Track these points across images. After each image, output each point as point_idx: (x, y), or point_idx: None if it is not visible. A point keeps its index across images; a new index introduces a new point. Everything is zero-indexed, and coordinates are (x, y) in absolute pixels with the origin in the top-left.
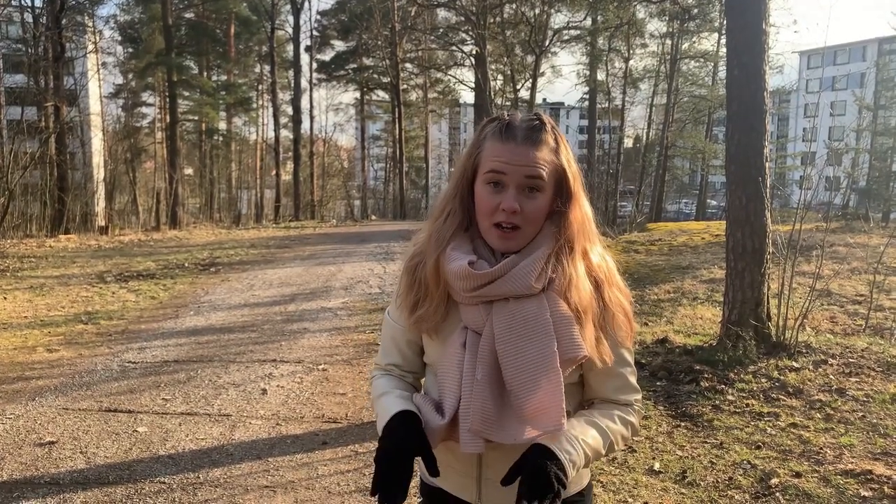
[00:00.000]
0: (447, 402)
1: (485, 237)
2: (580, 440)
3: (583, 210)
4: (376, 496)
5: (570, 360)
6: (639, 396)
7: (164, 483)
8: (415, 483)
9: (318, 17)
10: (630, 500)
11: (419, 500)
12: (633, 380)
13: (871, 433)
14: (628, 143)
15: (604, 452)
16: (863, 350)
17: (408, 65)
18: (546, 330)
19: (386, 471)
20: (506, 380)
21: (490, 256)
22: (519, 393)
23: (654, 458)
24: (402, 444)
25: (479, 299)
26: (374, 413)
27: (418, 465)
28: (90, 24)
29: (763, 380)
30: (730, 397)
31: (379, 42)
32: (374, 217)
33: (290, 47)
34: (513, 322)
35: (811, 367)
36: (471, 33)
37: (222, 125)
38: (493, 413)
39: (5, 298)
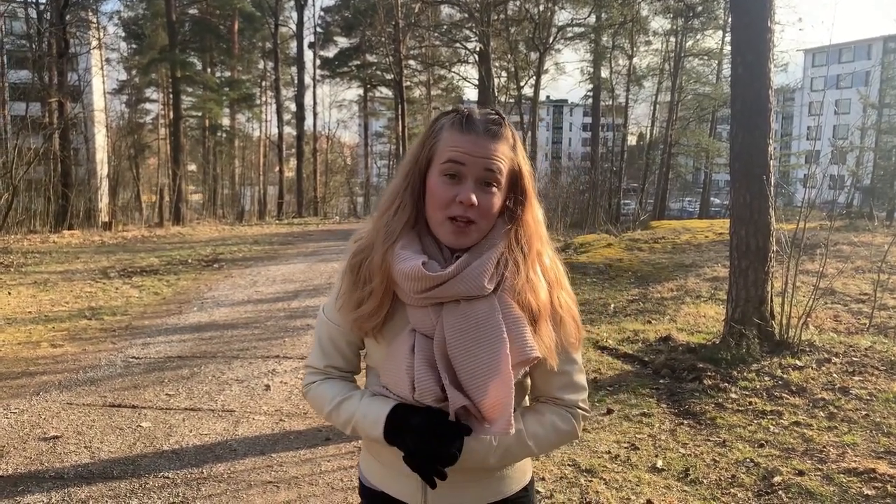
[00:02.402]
0: None
1: (435, 231)
2: (494, 445)
3: (536, 211)
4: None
5: (522, 362)
6: (584, 396)
7: (168, 478)
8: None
9: (322, 13)
10: (633, 497)
11: (359, 502)
12: (578, 378)
13: (874, 432)
14: (632, 140)
15: (514, 459)
16: (866, 349)
17: (411, 62)
18: (498, 332)
19: (430, 450)
20: (461, 382)
21: (439, 256)
22: (475, 396)
23: (657, 456)
24: (439, 426)
25: (430, 301)
26: (335, 421)
27: (359, 467)
28: (94, 20)
29: (766, 378)
30: (733, 395)
31: (382, 39)
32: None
33: (293, 44)
34: (465, 325)
35: (814, 365)
36: (474, 30)
37: (226, 121)
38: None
39: (10, 294)
